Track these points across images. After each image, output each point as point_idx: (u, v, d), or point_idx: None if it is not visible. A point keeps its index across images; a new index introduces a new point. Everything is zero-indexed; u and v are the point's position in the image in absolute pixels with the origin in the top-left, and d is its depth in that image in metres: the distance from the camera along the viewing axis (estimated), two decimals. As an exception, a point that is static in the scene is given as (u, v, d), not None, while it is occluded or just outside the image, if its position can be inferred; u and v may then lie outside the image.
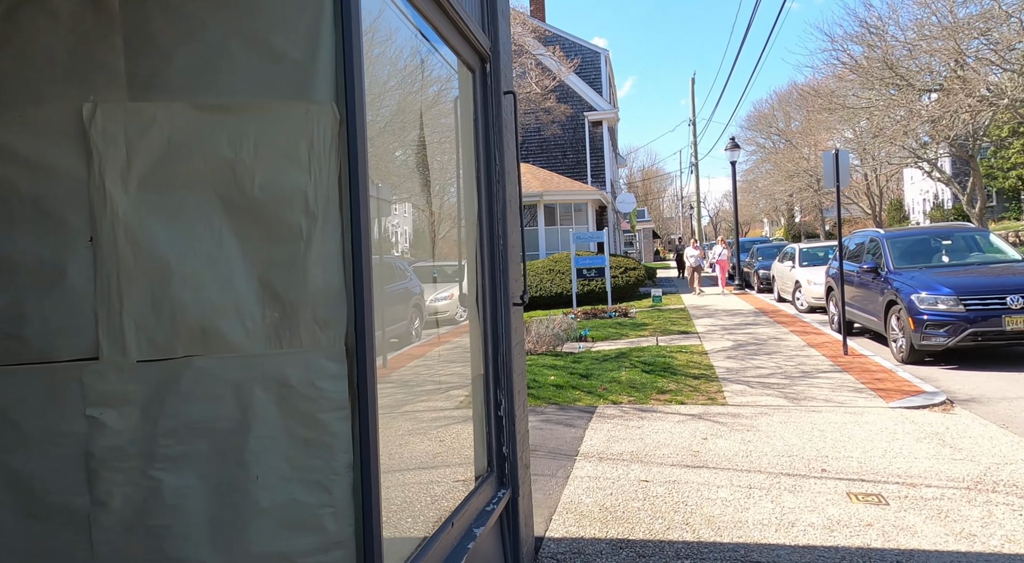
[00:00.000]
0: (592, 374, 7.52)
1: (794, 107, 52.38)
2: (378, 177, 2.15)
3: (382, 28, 2.15)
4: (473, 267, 2.81)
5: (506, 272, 2.87)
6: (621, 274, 17.17)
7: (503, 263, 2.87)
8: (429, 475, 2.46)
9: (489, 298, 2.84)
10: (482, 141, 2.85)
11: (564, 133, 21.88)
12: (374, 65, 2.07)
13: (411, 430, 2.40)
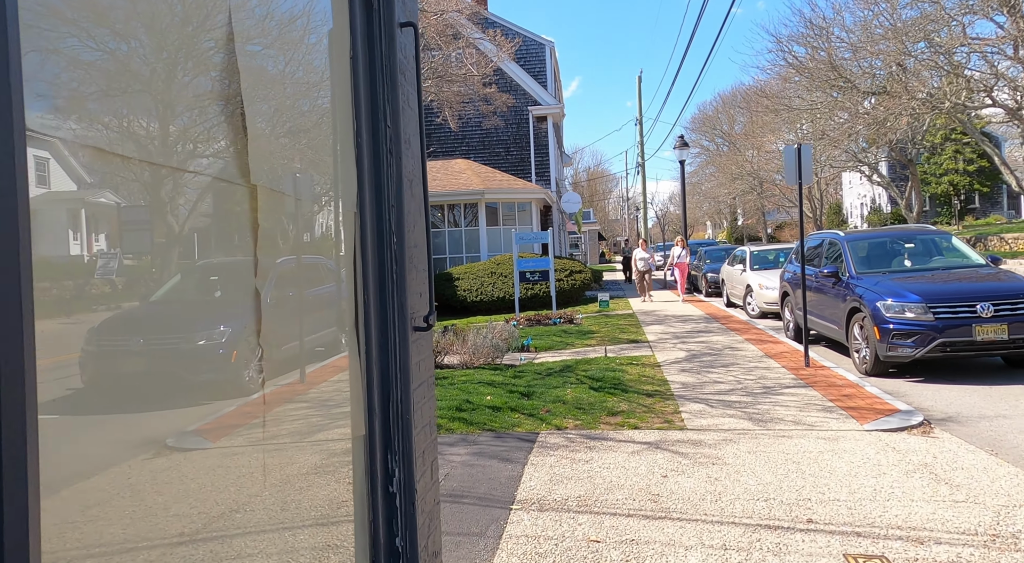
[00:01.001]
0: (534, 392, 6.65)
1: (738, 110, 53.39)
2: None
3: None
4: (351, 277, 1.87)
5: (402, 284, 1.94)
6: (567, 277, 16.46)
7: (397, 271, 1.94)
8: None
9: (376, 322, 1.91)
10: (364, 92, 1.91)
11: (507, 128, 21.04)
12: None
13: (241, 530, 1.45)
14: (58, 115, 1.03)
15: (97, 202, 1.25)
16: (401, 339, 1.93)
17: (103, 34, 1.14)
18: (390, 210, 1.91)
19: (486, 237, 18.53)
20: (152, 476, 1.28)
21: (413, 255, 2.03)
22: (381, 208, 1.89)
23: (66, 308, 1.12)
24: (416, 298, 2.06)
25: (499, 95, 12.52)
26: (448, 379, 7.43)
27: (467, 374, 7.70)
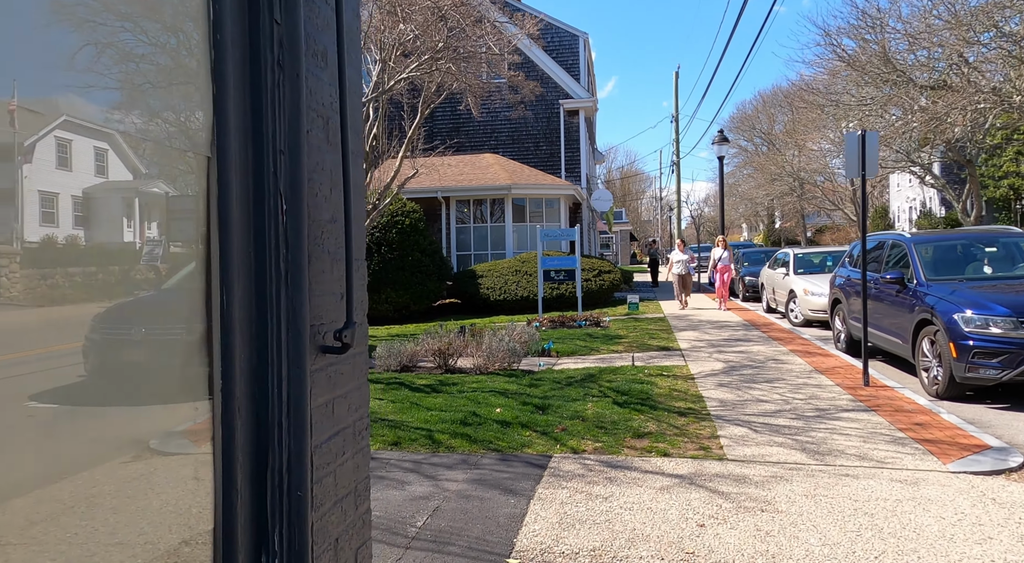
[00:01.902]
0: (550, 405, 5.86)
1: (778, 108, 51.60)
2: None
3: None
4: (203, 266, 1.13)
5: (297, 279, 1.19)
6: (594, 277, 15.60)
7: (289, 258, 1.19)
8: None
9: (246, 339, 1.16)
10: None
11: (537, 122, 20.23)
12: None
13: None
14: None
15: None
16: (292, 366, 1.19)
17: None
18: (277, 159, 1.17)
19: (512, 234, 17.79)
20: None
21: (324, 234, 1.29)
22: (261, 155, 1.15)
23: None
24: (328, 303, 1.31)
25: (526, 83, 11.78)
26: (457, 386, 6.70)
27: (479, 380, 6.96)
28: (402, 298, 14.66)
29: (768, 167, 45.31)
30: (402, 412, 5.64)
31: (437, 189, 17.34)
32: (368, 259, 14.33)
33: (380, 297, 14.50)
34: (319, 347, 1.22)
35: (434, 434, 5.04)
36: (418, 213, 15.18)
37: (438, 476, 4.19)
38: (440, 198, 17.51)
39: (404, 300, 14.71)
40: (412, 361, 8.03)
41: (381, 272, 14.34)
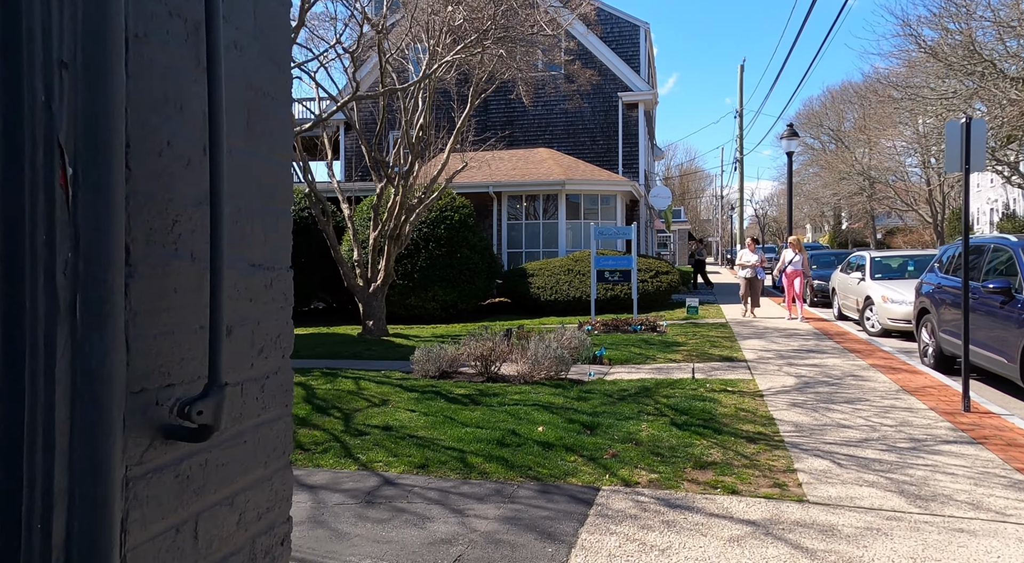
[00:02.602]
0: (600, 424, 5.25)
1: (848, 105, 48.97)
2: None
3: None
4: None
5: (100, 307, 0.66)
6: (651, 279, 14.80)
7: (86, 273, 0.66)
8: None
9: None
10: None
11: (594, 115, 19.49)
12: None
13: None
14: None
15: None
16: (81, 479, 0.64)
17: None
18: (52, 78, 0.64)
19: (565, 232, 17.17)
20: None
21: (179, 225, 0.77)
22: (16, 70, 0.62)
23: None
24: (173, 348, 0.77)
25: (582, 71, 11.15)
26: (498, 397, 6.17)
27: (522, 391, 6.41)
28: (449, 296, 14.28)
29: (836, 165, 43.04)
30: (434, 427, 5.15)
31: (488, 184, 16.89)
32: (415, 256, 14.01)
33: (427, 295, 14.16)
34: (159, 428, 0.71)
35: (467, 456, 4.52)
36: (468, 208, 14.75)
37: (466, 510, 3.67)
38: (491, 193, 17.05)
39: (452, 298, 14.33)
40: (452, 366, 7.56)
41: (429, 269, 13.99)
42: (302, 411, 5.63)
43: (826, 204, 54.62)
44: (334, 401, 5.99)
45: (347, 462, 4.47)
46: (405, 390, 6.47)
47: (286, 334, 0.92)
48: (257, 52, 0.83)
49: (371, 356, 9.17)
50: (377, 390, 6.47)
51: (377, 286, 11.11)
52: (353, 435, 5.01)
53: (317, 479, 4.20)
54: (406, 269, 13.97)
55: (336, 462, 4.47)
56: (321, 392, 6.33)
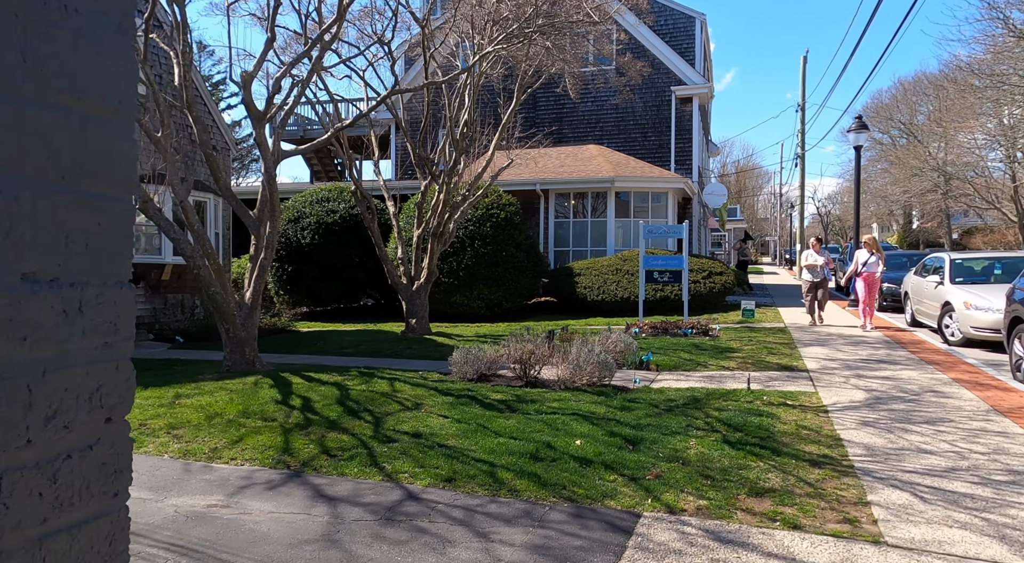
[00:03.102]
0: (643, 438, 4.83)
1: (921, 97, 46.24)
2: None
3: None
4: None
5: None
6: (704, 279, 14.13)
7: None
8: None
9: None
10: None
11: (646, 110, 18.85)
12: None
13: None
14: None
15: None
16: None
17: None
18: None
19: (614, 230, 16.64)
20: None
21: None
22: None
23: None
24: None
25: (633, 63, 10.63)
26: (536, 404, 5.82)
27: (561, 398, 6.04)
28: (495, 295, 14.01)
29: (908, 161, 40.68)
30: (466, 436, 4.85)
31: (535, 181, 16.54)
32: (461, 254, 13.79)
33: (472, 293, 13.94)
34: None
35: (497, 470, 4.19)
36: (514, 206, 14.44)
37: (491, 534, 3.33)
38: (538, 191, 16.69)
39: (497, 297, 14.06)
40: (491, 369, 7.26)
41: (474, 267, 13.76)
42: (333, 414, 5.43)
43: (895, 202, 51.83)
44: (367, 403, 5.78)
45: (372, 471, 4.21)
46: (440, 393, 6.20)
47: (114, 386, 0.61)
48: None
49: (411, 355, 8.98)
50: (412, 393, 6.22)
51: (420, 284, 10.94)
52: (381, 441, 4.76)
53: (339, 490, 3.95)
54: (451, 267, 13.79)
55: (361, 471, 4.23)
56: (355, 394, 6.14)
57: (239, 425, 5.10)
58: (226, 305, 6.82)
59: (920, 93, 46.30)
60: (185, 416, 5.33)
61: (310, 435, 4.90)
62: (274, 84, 6.66)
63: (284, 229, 14.83)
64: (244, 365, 7.05)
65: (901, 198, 49.64)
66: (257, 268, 7.08)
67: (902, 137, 47.52)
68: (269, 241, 7.04)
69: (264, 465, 4.36)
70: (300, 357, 8.87)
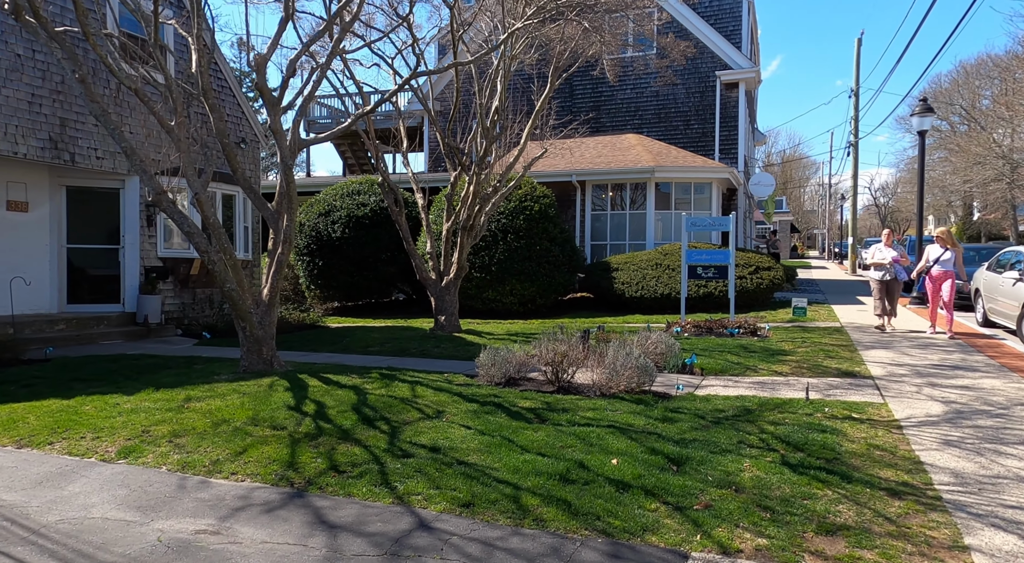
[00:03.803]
0: (689, 458, 4.26)
1: (985, 81, 43.69)
2: None
3: None
4: None
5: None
6: (750, 275, 13.32)
7: None
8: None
9: None
10: None
11: (688, 97, 17.99)
12: None
13: None
14: None
15: None
16: None
17: None
18: None
19: (654, 222, 15.92)
20: None
21: None
22: None
23: None
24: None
25: (675, 44, 9.94)
26: (568, 413, 5.30)
27: (596, 407, 5.50)
28: (528, 291, 13.50)
29: (969, 148, 38.47)
30: (489, 451, 4.36)
31: (571, 172, 15.94)
32: (493, 248, 13.33)
33: (504, 289, 13.46)
34: None
35: (522, 494, 3.69)
36: (549, 198, 13.88)
37: (509, 580, 2.84)
38: (575, 182, 16.08)
39: (530, 293, 13.55)
40: (520, 372, 6.76)
41: (506, 262, 13.27)
42: (347, 422, 5.01)
43: (954, 192, 49.30)
44: (384, 410, 5.35)
45: (382, 493, 3.77)
46: (464, 399, 5.73)
47: None
48: None
49: (438, 355, 8.56)
50: (433, 398, 5.77)
51: (450, 280, 10.51)
52: (396, 456, 4.32)
53: (343, 515, 3.52)
54: (483, 261, 13.34)
55: (369, 491, 3.78)
56: (373, 399, 5.72)
57: (246, 434, 4.73)
58: (242, 302, 6.49)
59: (984, 76, 43.71)
60: (191, 422, 4.99)
61: (319, 447, 4.48)
62: (289, 66, 6.29)
63: (315, 223, 14.62)
64: (261, 365, 6.73)
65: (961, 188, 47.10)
66: (275, 263, 6.73)
67: (963, 124, 45.06)
68: (287, 235, 6.69)
69: (266, 482, 3.96)
70: (323, 356, 8.54)
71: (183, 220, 6.27)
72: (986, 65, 43.71)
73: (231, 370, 6.94)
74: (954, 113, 46.88)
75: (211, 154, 7.34)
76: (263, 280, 6.84)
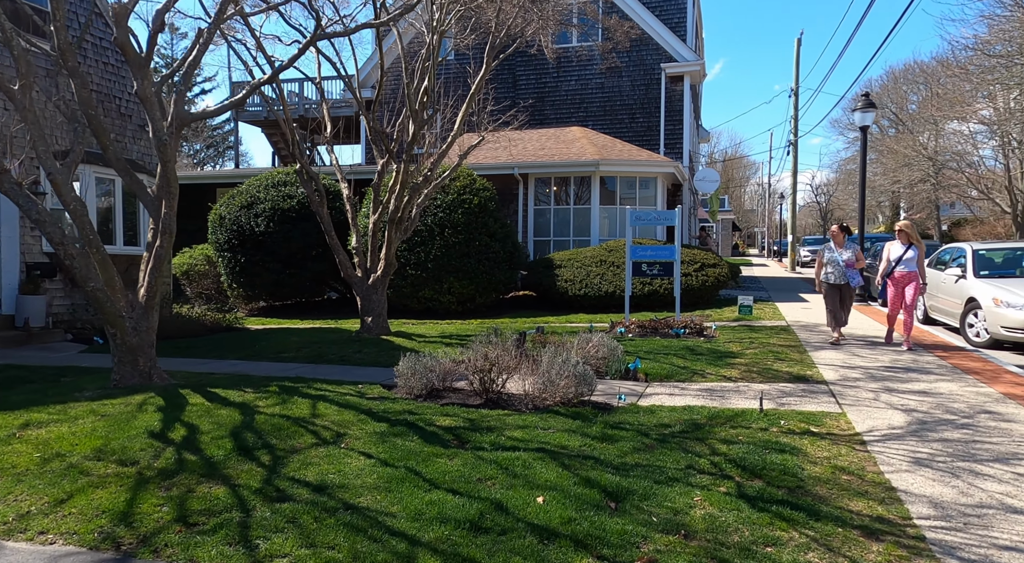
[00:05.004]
0: (631, 491, 3.55)
1: (912, 86, 45.57)
2: None
3: None
4: None
5: None
6: (696, 272, 12.90)
7: None
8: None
9: None
10: None
11: (634, 90, 17.54)
12: None
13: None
14: None
15: None
16: None
17: None
18: None
19: (599, 218, 15.36)
20: None
21: None
22: None
23: None
24: None
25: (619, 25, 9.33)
26: (493, 433, 4.53)
27: (526, 425, 4.75)
28: (467, 289, 12.68)
29: (898, 151, 39.98)
30: (389, 489, 3.54)
31: (514, 165, 15.19)
32: (429, 243, 12.45)
33: (442, 287, 12.60)
34: None
35: (419, 553, 2.89)
36: (489, 191, 13.09)
37: None
38: (517, 175, 15.35)
39: (469, 291, 12.74)
40: (445, 381, 5.96)
41: (443, 258, 12.42)
42: (219, 452, 4.09)
43: (883, 193, 51.40)
44: (271, 435, 4.44)
45: (236, 556, 2.89)
46: (373, 418, 4.88)
47: None
48: None
49: (359, 361, 7.65)
50: (336, 418, 4.90)
51: (377, 277, 9.59)
52: (268, 499, 3.44)
53: (180, 588, 2.64)
54: (419, 258, 12.45)
55: (219, 554, 2.90)
56: (262, 420, 4.80)
57: (80, 473, 3.75)
58: (111, 305, 5.44)
59: (911, 81, 45.60)
60: (12, 458, 3.97)
61: (173, 489, 3.56)
62: (156, 19, 5.25)
63: (236, 216, 13.38)
64: (136, 379, 5.68)
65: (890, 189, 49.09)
66: (153, 258, 5.69)
67: (892, 127, 46.90)
68: (166, 225, 5.66)
69: (83, 543, 3.02)
70: (226, 364, 7.50)
71: (31, 206, 5.16)
72: (913, 71, 45.59)
73: (101, 385, 5.86)
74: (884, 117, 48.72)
75: (82, 130, 6.21)
76: (140, 278, 5.78)
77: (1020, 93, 22.01)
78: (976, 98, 28.23)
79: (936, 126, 38.68)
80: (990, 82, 22.30)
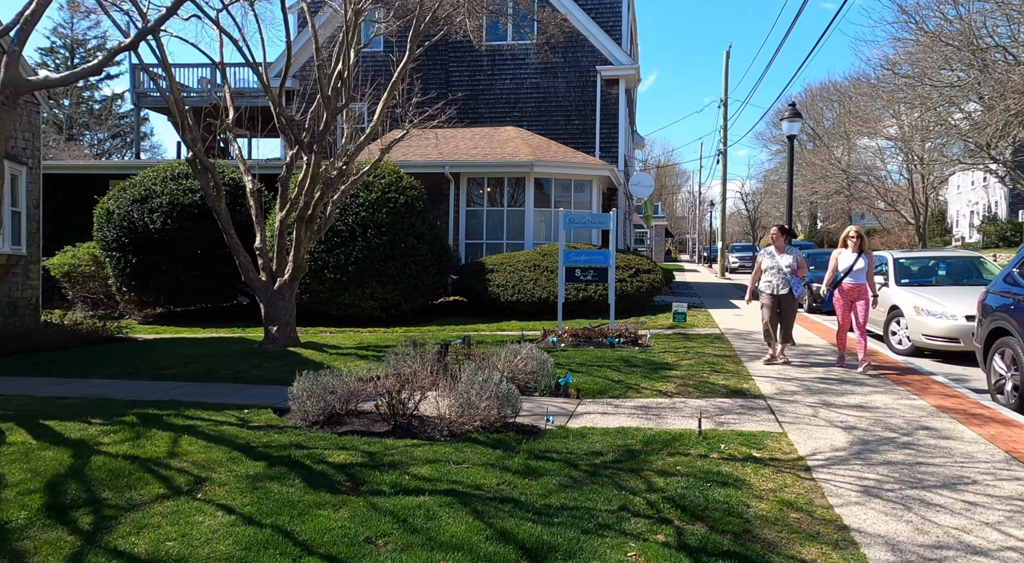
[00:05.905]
0: (553, 547, 2.94)
1: (826, 103, 48.03)
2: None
3: None
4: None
5: None
6: (631, 278, 12.60)
7: None
8: None
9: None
10: None
11: (569, 91, 17.19)
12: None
13: None
14: None
15: None
16: None
17: None
18: None
19: (534, 221, 14.87)
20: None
21: None
22: None
23: None
24: None
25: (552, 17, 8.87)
26: (396, 471, 3.83)
27: (438, 458, 4.07)
28: (391, 294, 11.87)
29: (815, 163, 41.97)
30: (245, 561, 2.78)
31: (444, 163, 14.49)
32: (350, 245, 11.57)
33: (364, 292, 11.74)
34: None
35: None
36: (417, 190, 12.34)
37: None
38: (448, 174, 14.65)
39: (394, 297, 11.93)
40: (350, 403, 5.20)
41: (366, 261, 11.56)
42: (23, 512, 3.18)
43: (802, 203, 53.93)
44: (105, 485, 3.57)
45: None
46: (249, 456, 4.07)
47: None
48: None
49: (255, 379, 6.76)
50: (201, 457, 4.05)
51: (284, 282, 8.67)
52: (92, 572, 2.62)
53: None
54: (339, 261, 11.54)
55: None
56: (99, 462, 3.89)
57: None
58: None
59: (826, 99, 48.09)
60: None
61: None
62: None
63: (128, 211, 12.05)
64: (-40, 406, 4.63)
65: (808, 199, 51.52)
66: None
67: (809, 142, 49.23)
68: None
69: None
70: (88, 384, 6.43)
71: None
72: (828, 89, 48.12)
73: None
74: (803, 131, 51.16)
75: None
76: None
77: (923, 112, 23.18)
78: (884, 116, 29.80)
79: (849, 141, 40.80)
80: (898, 100, 23.39)
